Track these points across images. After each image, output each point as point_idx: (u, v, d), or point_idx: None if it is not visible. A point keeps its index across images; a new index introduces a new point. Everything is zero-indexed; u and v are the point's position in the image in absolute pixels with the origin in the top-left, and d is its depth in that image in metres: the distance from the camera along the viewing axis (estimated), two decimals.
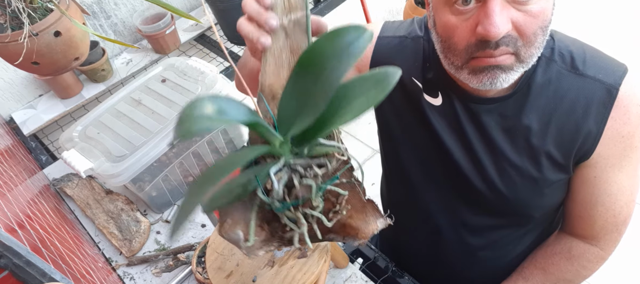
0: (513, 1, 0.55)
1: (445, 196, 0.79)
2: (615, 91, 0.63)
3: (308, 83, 0.37)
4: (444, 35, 0.62)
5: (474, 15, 0.57)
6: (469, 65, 0.60)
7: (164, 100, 1.04)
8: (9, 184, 0.86)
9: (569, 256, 0.77)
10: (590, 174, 0.69)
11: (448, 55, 0.62)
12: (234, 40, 1.57)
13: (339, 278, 0.89)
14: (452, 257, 0.87)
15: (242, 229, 0.41)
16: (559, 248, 0.79)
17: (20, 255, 0.51)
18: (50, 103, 1.42)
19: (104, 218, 1.05)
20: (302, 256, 0.68)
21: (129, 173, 0.92)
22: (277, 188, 0.39)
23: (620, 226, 0.73)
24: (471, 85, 0.62)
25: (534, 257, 0.82)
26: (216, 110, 0.34)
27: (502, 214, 0.76)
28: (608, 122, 0.64)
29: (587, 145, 0.65)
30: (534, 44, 0.58)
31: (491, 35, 0.54)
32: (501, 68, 0.58)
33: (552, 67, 0.65)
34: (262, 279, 0.66)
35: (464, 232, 0.82)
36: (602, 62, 0.65)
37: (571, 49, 0.65)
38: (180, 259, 0.95)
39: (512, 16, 0.55)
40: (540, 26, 0.57)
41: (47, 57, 1.00)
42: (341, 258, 0.88)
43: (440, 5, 0.60)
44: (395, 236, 1.00)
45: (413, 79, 0.74)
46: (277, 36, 0.44)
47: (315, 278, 0.66)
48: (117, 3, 1.52)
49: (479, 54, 0.58)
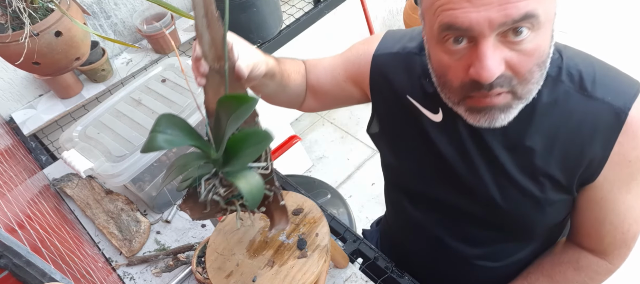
0: (505, 41, 0.53)
1: (446, 210, 0.78)
2: (624, 115, 0.59)
3: (220, 123, 0.53)
4: (438, 72, 0.60)
5: (466, 55, 0.55)
6: (466, 104, 0.59)
7: (164, 100, 1.04)
8: (9, 184, 0.86)
9: (577, 267, 0.76)
10: (596, 195, 0.67)
11: (444, 90, 0.61)
12: None
13: (339, 278, 0.89)
14: (451, 265, 0.87)
15: (197, 212, 0.62)
16: (566, 257, 0.77)
17: (20, 255, 0.51)
18: (50, 103, 1.42)
19: (104, 218, 1.05)
20: (302, 256, 0.68)
21: (129, 173, 0.92)
22: (203, 191, 0.57)
23: (630, 242, 0.71)
24: (469, 122, 0.61)
25: (541, 264, 0.80)
26: (167, 139, 0.53)
27: (504, 229, 0.75)
28: (615, 146, 0.61)
29: (592, 169, 0.63)
30: (530, 81, 0.56)
31: (483, 79, 0.52)
32: (499, 108, 0.57)
33: (560, 87, 0.62)
34: (262, 279, 0.66)
35: (465, 244, 0.82)
36: (612, 81, 0.62)
37: (580, 68, 0.62)
38: (180, 259, 0.95)
39: (505, 56, 0.53)
40: (536, 63, 0.55)
41: (48, 57, 1.00)
42: (341, 258, 0.88)
43: (432, 42, 0.59)
44: (395, 240, 1.00)
45: (408, 98, 0.73)
46: (213, 74, 0.56)
47: (315, 278, 0.66)
48: (117, 3, 1.52)
49: (473, 94, 0.56)
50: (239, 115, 0.50)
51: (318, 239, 0.70)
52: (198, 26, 0.53)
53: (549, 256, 0.80)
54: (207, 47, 0.54)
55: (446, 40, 0.55)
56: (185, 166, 0.56)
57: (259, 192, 0.54)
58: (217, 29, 0.53)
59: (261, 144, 0.51)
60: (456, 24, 0.52)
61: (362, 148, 2.30)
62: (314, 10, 1.67)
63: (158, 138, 0.53)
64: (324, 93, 0.86)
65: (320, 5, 1.68)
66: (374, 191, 2.11)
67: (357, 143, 2.34)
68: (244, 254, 0.70)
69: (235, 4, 1.39)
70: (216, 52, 0.54)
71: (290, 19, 1.65)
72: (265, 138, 0.51)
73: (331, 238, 0.74)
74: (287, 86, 0.81)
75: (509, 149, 0.66)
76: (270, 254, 0.69)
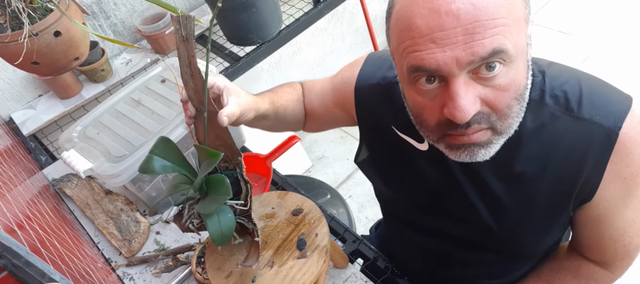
0: (478, 77, 0.51)
1: (442, 236, 0.78)
2: (614, 135, 0.57)
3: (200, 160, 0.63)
4: (414, 111, 0.59)
5: (439, 94, 0.53)
6: (445, 141, 0.57)
7: (164, 100, 1.04)
8: (9, 184, 0.86)
9: (577, 274, 0.75)
10: (594, 213, 0.65)
11: (422, 129, 0.60)
12: (234, 41, 1.56)
13: (339, 278, 0.89)
14: (449, 280, 0.88)
15: (184, 228, 0.67)
16: (567, 264, 0.76)
17: (20, 256, 0.51)
18: (50, 103, 1.42)
19: (104, 218, 1.05)
20: (301, 256, 0.68)
21: (128, 173, 0.92)
22: (186, 215, 0.65)
23: (632, 253, 0.69)
24: (450, 158, 0.59)
25: (541, 270, 0.80)
26: (162, 165, 0.62)
27: (499, 251, 0.74)
28: (608, 166, 0.59)
29: (587, 189, 0.62)
30: (509, 115, 0.54)
31: (457, 119, 0.50)
32: (479, 145, 0.55)
33: (544, 110, 0.60)
34: (262, 279, 0.66)
35: (463, 266, 0.82)
36: (599, 99, 0.59)
37: (565, 89, 0.60)
38: (179, 260, 0.95)
39: (479, 93, 0.51)
40: (513, 97, 0.53)
41: (47, 57, 1.00)
42: (341, 258, 0.88)
43: (404, 82, 0.57)
44: (394, 253, 1.00)
45: (393, 128, 0.72)
46: (200, 113, 0.62)
47: (314, 278, 0.66)
48: (117, 3, 1.52)
49: (451, 132, 0.55)
50: (207, 164, 0.58)
51: (318, 240, 0.70)
52: (183, 74, 0.59)
53: (549, 262, 0.80)
54: (192, 92, 0.61)
55: (417, 81, 0.54)
56: (177, 187, 0.64)
57: (228, 232, 0.60)
58: (200, 78, 0.59)
59: (222, 196, 0.58)
60: (423, 66, 0.50)
61: None
62: (313, 10, 1.67)
63: (154, 162, 0.61)
64: (318, 117, 0.87)
65: (320, 5, 1.68)
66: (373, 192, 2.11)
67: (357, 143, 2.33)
68: (244, 254, 0.70)
69: (235, 4, 1.39)
70: (199, 97, 0.61)
71: (290, 19, 1.65)
72: (225, 193, 0.58)
73: (331, 239, 0.74)
74: (284, 118, 0.82)
75: (499, 176, 0.64)
76: (269, 254, 0.69)
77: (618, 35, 2.42)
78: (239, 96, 0.67)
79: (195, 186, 0.61)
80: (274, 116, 0.78)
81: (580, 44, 2.38)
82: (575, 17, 2.58)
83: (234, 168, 0.65)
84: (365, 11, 2.01)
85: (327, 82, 0.85)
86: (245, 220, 0.66)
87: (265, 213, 0.76)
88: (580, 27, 2.51)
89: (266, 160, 1.16)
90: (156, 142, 0.62)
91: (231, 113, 0.63)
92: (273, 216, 0.75)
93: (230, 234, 0.60)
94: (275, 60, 2.16)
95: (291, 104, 0.84)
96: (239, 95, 0.67)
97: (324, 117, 0.87)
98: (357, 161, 0.86)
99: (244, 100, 0.67)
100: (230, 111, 0.63)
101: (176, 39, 0.57)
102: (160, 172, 0.62)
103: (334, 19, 2.32)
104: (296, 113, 0.85)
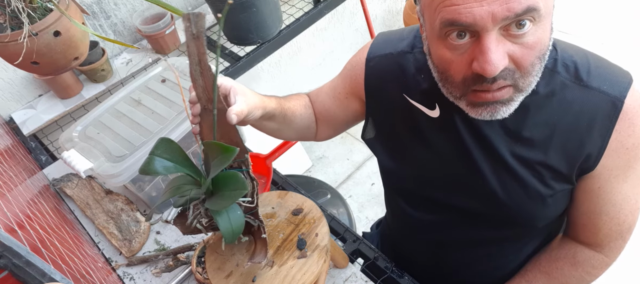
0: (508, 34, 0.53)
1: (446, 211, 0.78)
2: (620, 103, 0.61)
3: (208, 160, 0.61)
4: (440, 67, 0.61)
5: (469, 49, 0.55)
6: (468, 98, 0.59)
7: (164, 100, 1.04)
8: (9, 184, 0.86)
9: (574, 262, 0.76)
10: (594, 185, 0.67)
11: (445, 85, 0.62)
12: (234, 40, 1.57)
13: (339, 278, 0.89)
14: (451, 266, 0.88)
15: (186, 229, 0.66)
16: (563, 253, 0.78)
17: (20, 255, 0.51)
18: (50, 103, 1.42)
19: (104, 218, 1.05)
20: (301, 256, 0.68)
21: (128, 173, 0.92)
22: (190, 216, 0.63)
23: (625, 234, 0.72)
24: (470, 115, 0.61)
25: (538, 260, 0.81)
26: (164, 166, 0.61)
27: (504, 226, 0.75)
28: (612, 134, 0.62)
29: (591, 158, 0.64)
30: (532, 73, 0.56)
31: (487, 73, 0.53)
32: (501, 102, 0.58)
33: (556, 78, 0.63)
34: (262, 279, 0.66)
35: (465, 245, 0.82)
36: (606, 71, 0.63)
37: (575, 59, 0.63)
38: (180, 259, 0.95)
39: (508, 49, 0.54)
40: (537, 56, 0.55)
41: (46, 57, 1.00)
42: (341, 258, 0.88)
43: (433, 38, 0.59)
44: (396, 243, 1.00)
45: (404, 96, 0.73)
46: (208, 112, 0.62)
47: (314, 278, 0.66)
48: (117, 3, 1.52)
49: (476, 87, 0.57)
50: (221, 161, 0.57)
51: (318, 240, 0.70)
52: (192, 72, 0.59)
53: (545, 253, 0.81)
54: (200, 90, 0.61)
55: (448, 36, 0.55)
56: (178, 188, 0.63)
57: (238, 229, 0.60)
58: (209, 76, 0.59)
59: (238, 191, 0.57)
60: (459, 20, 0.52)
61: (362, 148, 2.30)
62: (313, 10, 1.67)
63: (155, 163, 0.60)
64: (332, 117, 0.87)
65: (320, 5, 1.68)
66: (374, 191, 2.11)
67: (357, 143, 2.33)
68: (244, 254, 0.70)
69: (235, 4, 1.39)
70: (208, 95, 0.61)
71: (290, 19, 1.65)
72: (241, 187, 0.57)
73: (331, 238, 0.74)
74: (292, 122, 0.82)
75: (507, 141, 0.66)
76: (270, 254, 0.69)
77: (618, 35, 2.42)
78: (246, 95, 0.67)
79: (207, 183, 0.60)
80: (281, 117, 0.78)
81: (579, 44, 2.38)
82: (575, 17, 2.58)
83: (238, 165, 0.65)
84: (365, 11, 2.01)
85: (335, 78, 0.87)
86: (251, 217, 0.66)
87: (266, 212, 0.76)
88: (580, 27, 2.51)
89: (266, 159, 1.16)
90: (156, 143, 0.61)
91: (240, 111, 0.63)
92: (273, 216, 0.75)
93: (240, 231, 0.60)
94: (275, 60, 2.16)
95: (299, 108, 0.84)
96: (246, 94, 0.67)
97: (339, 114, 0.86)
98: (364, 137, 0.86)
99: (251, 99, 0.68)
100: (239, 109, 0.63)
101: (186, 36, 0.56)
102: (162, 173, 0.61)
103: (334, 19, 2.32)
104: (304, 118, 0.85)
